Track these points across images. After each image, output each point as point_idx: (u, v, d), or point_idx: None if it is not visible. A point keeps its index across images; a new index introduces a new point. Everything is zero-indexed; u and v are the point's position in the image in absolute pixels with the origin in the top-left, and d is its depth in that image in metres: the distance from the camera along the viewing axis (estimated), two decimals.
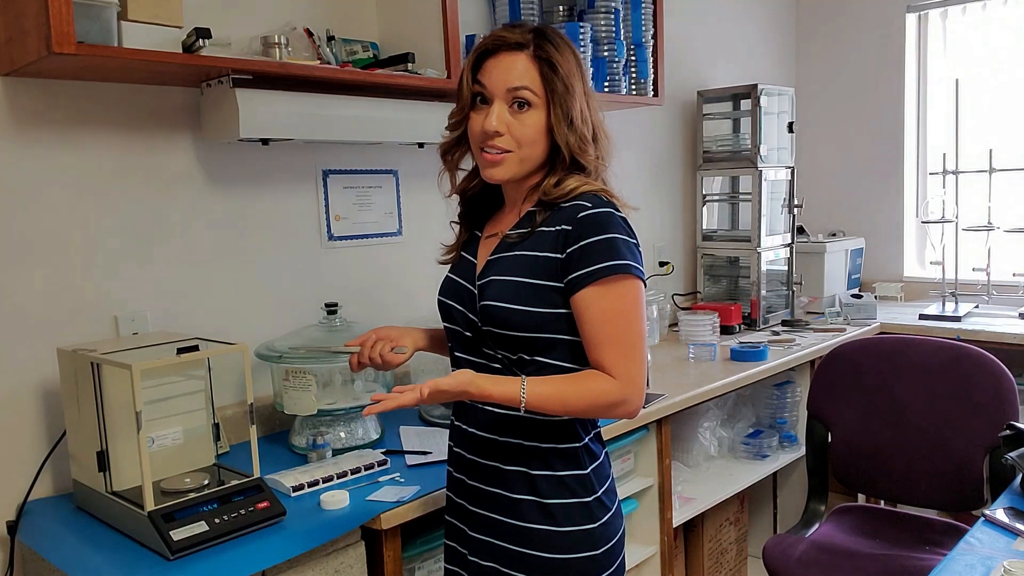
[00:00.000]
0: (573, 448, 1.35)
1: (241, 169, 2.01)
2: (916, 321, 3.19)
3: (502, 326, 1.31)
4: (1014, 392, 2.13)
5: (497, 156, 1.32)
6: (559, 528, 1.32)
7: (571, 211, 1.30)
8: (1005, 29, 3.53)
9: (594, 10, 2.58)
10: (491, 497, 1.37)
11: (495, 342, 1.34)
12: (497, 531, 1.36)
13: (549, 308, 1.30)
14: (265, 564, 1.37)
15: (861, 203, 3.90)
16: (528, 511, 1.33)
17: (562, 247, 1.29)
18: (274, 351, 1.88)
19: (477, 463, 1.39)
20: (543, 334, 1.31)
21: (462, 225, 1.50)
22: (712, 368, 2.58)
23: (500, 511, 1.36)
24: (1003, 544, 1.43)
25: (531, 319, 1.30)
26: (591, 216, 1.28)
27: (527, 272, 1.31)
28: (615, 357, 1.27)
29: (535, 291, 1.30)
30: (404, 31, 2.19)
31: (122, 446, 1.50)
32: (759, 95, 3.14)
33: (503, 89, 1.31)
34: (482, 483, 1.38)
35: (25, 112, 1.67)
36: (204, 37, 1.62)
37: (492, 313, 1.32)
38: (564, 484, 1.33)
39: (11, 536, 1.59)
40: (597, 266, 1.26)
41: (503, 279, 1.33)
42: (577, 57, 1.35)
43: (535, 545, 1.33)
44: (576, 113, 1.31)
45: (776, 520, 3.08)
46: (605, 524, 1.36)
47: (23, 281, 1.68)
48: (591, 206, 1.30)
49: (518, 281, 1.31)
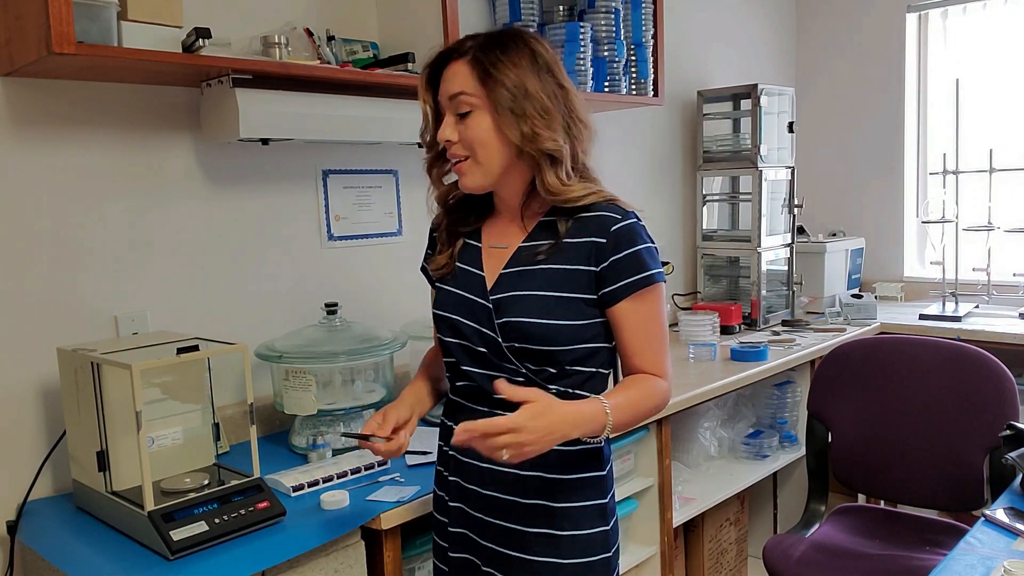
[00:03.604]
0: (598, 477, 1.39)
1: (241, 169, 2.01)
2: (916, 321, 3.19)
3: (531, 341, 1.31)
4: (1014, 392, 2.13)
5: (458, 165, 1.34)
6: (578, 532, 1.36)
7: (599, 223, 1.32)
8: (1005, 29, 3.53)
9: (594, 10, 2.58)
10: (499, 530, 1.37)
11: (519, 356, 1.33)
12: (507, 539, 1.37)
13: (580, 320, 1.32)
14: (265, 564, 1.37)
15: (861, 203, 3.90)
16: (561, 543, 1.35)
17: (595, 260, 1.31)
18: (274, 351, 1.88)
19: (484, 496, 1.39)
20: (574, 345, 1.32)
21: (448, 234, 1.46)
22: (712, 368, 2.58)
23: (517, 546, 1.36)
24: (1003, 544, 1.43)
25: (563, 333, 1.31)
26: (623, 229, 1.32)
27: (557, 286, 1.32)
28: (656, 358, 1.35)
29: (567, 304, 1.31)
30: (404, 31, 2.19)
31: (122, 446, 1.50)
32: (759, 95, 3.14)
33: (447, 98, 1.32)
34: (493, 516, 1.39)
35: (25, 112, 1.67)
36: (204, 37, 1.62)
37: (520, 329, 1.31)
38: (587, 515, 1.37)
39: (11, 536, 1.59)
40: (634, 278, 1.31)
41: (530, 294, 1.32)
42: (536, 52, 1.31)
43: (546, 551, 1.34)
44: (525, 107, 1.28)
45: (776, 520, 3.08)
46: (611, 529, 1.40)
47: (23, 281, 1.68)
48: (620, 218, 1.33)
49: (548, 296, 1.31)
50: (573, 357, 1.33)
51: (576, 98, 1.35)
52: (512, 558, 1.34)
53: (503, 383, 1.21)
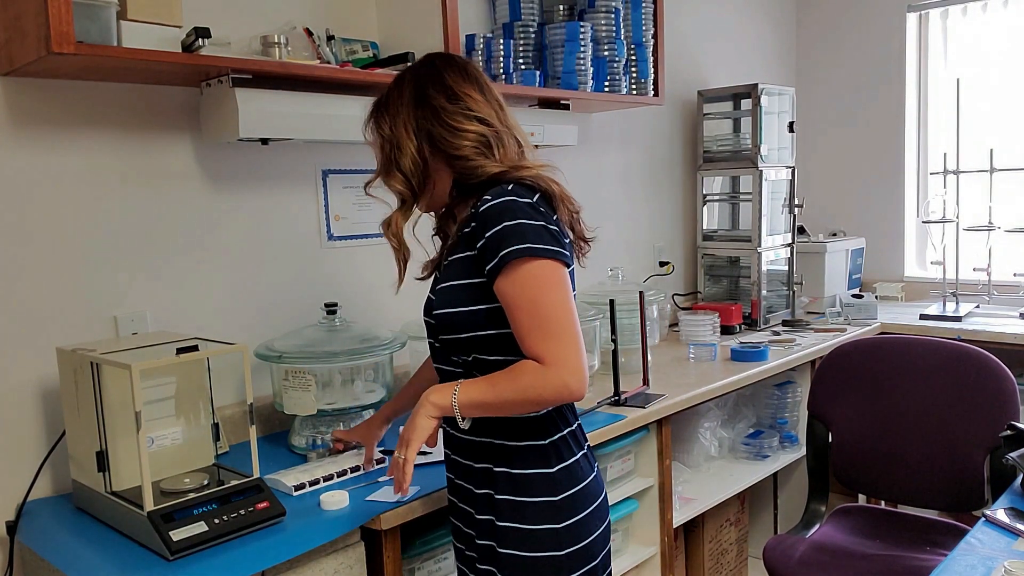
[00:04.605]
0: (538, 446, 1.38)
1: (241, 169, 2.01)
2: (917, 321, 3.18)
3: (448, 330, 1.38)
4: (1015, 392, 2.13)
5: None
6: (524, 526, 1.35)
7: (476, 208, 1.34)
8: (1005, 29, 3.53)
9: (594, 9, 2.58)
10: (467, 494, 1.44)
11: (449, 347, 1.41)
12: (477, 528, 1.42)
13: (484, 304, 1.34)
14: (265, 564, 1.36)
15: (861, 203, 3.90)
16: (496, 507, 1.37)
17: (473, 243, 1.34)
18: (274, 351, 1.88)
19: (458, 463, 1.46)
20: (486, 331, 1.35)
21: (441, 240, 1.55)
22: (712, 368, 2.58)
23: (475, 506, 1.42)
24: (1004, 544, 1.43)
25: (471, 318, 1.35)
26: (491, 207, 1.31)
27: (459, 274, 1.37)
28: (536, 340, 1.26)
29: (469, 290, 1.35)
30: (404, 31, 2.19)
31: (122, 446, 1.50)
32: (759, 95, 3.14)
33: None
34: (463, 481, 1.46)
35: (25, 112, 1.67)
36: (204, 37, 1.62)
37: (439, 319, 1.39)
38: (528, 482, 1.36)
39: (11, 536, 1.59)
40: (501, 253, 1.28)
41: (444, 285, 1.40)
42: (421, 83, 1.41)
43: (505, 543, 1.36)
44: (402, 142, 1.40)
45: (776, 520, 3.08)
46: (572, 526, 1.36)
47: (23, 281, 1.68)
48: (491, 198, 1.32)
49: (455, 284, 1.38)
50: (490, 345, 1.35)
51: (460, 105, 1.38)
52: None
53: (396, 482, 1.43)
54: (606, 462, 2.10)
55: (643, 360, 2.29)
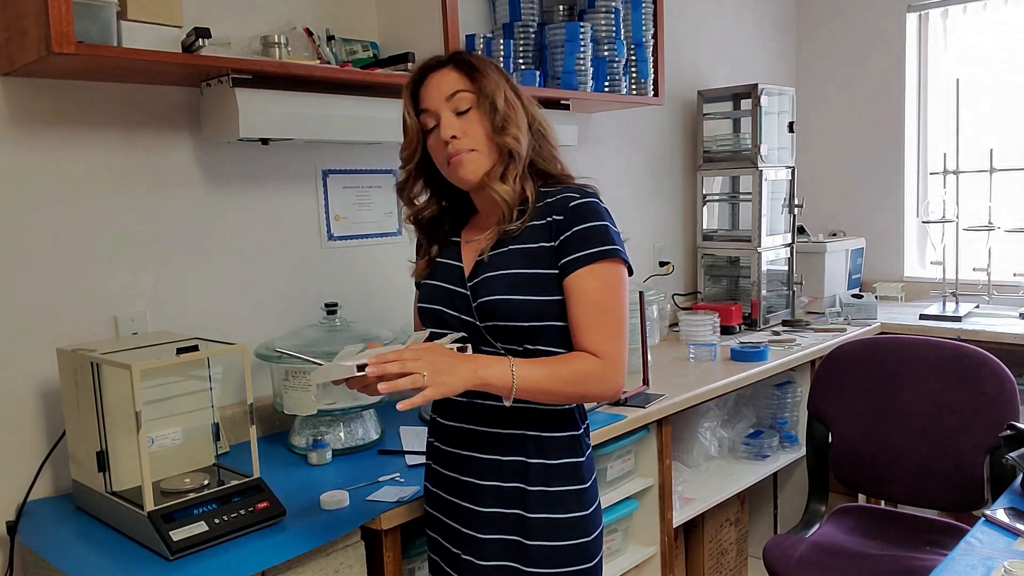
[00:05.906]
0: (574, 436, 1.41)
1: (241, 169, 2.01)
2: (917, 321, 3.18)
3: (503, 318, 1.36)
4: (1015, 392, 2.13)
5: (459, 157, 1.37)
6: (556, 515, 1.38)
7: (560, 202, 1.38)
8: (1006, 29, 3.53)
9: (594, 10, 2.58)
10: (481, 493, 1.41)
11: (496, 336, 1.38)
12: (494, 527, 1.40)
13: (547, 296, 1.35)
14: (265, 564, 1.36)
15: (861, 203, 3.90)
16: (526, 500, 1.37)
17: (555, 235, 1.36)
18: (274, 351, 1.88)
19: (472, 460, 1.43)
20: (545, 321, 1.36)
21: (428, 243, 1.53)
22: (712, 368, 2.58)
23: (497, 503, 1.40)
24: (1004, 544, 1.43)
25: (531, 307, 1.35)
26: (581, 205, 1.36)
27: (522, 263, 1.37)
28: (600, 337, 1.33)
29: (532, 280, 1.35)
30: (404, 31, 2.19)
31: (122, 446, 1.50)
32: (759, 95, 3.14)
33: (442, 101, 1.38)
34: (474, 478, 1.43)
35: (25, 112, 1.67)
36: (204, 37, 1.62)
37: (492, 307, 1.36)
38: (561, 472, 1.39)
39: (11, 536, 1.59)
40: (589, 251, 1.33)
41: (498, 274, 1.38)
42: (499, 67, 1.44)
43: (534, 535, 1.37)
44: (497, 101, 1.37)
45: (776, 520, 3.08)
46: (594, 511, 1.43)
47: (23, 281, 1.68)
48: (579, 196, 1.38)
49: (515, 273, 1.36)
50: (547, 335, 1.36)
51: (537, 109, 1.45)
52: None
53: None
54: (606, 462, 2.10)
55: (643, 360, 2.29)
